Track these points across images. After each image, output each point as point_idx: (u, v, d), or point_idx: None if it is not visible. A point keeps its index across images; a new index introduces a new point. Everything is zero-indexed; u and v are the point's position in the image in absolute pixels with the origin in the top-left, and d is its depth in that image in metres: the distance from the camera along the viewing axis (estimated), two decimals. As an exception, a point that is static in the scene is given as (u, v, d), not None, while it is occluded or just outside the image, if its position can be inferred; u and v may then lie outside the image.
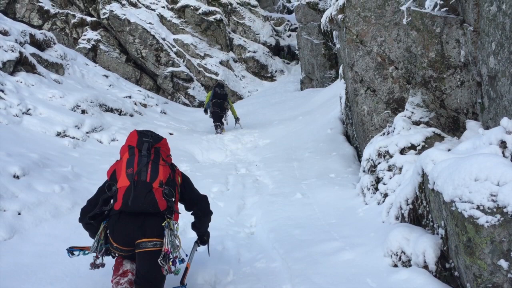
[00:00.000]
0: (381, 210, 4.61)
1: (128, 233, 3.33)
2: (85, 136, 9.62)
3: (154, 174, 3.42)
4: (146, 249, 3.28)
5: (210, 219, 3.99)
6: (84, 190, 6.27)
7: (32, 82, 10.74)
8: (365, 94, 6.28)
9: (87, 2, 20.59)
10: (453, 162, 3.17)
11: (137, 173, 3.38)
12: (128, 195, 3.29)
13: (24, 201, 5.23)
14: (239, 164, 8.99)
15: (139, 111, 13.69)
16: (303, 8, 17.99)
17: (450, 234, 3.15)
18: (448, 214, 3.06)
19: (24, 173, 5.88)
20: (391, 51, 5.95)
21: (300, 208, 5.67)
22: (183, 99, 19.29)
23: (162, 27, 20.61)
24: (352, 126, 7.60)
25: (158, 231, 3.32)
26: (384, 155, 5.24)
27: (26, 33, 12.73)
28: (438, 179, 3.21)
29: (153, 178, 3.39)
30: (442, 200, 3.13)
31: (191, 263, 3.91)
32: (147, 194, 3.32)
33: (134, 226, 3.31)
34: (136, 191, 3.31)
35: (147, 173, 3.40)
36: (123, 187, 3.34)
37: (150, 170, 3.42)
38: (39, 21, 19.81)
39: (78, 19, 20.05)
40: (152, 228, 3.31)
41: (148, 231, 3.30)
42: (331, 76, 16.72)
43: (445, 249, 3.33)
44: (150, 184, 3.36)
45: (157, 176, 3.42)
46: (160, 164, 3.50)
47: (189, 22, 21.21)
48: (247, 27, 22.89)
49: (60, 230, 4.99)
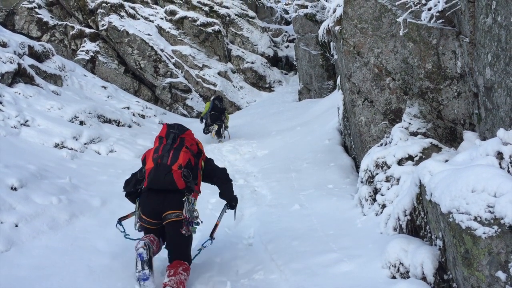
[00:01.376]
0: (379, 221, 4.60)
1: (154, 207, 4.12)
2: (83, 147, 9.62)
3: (174, 158, 4.15)
4: (171, 220, 4.09)
5: (231, 185, 4.65)
6: (82, 201, 6.26)
7: (31, 93, 10.76)
8: (363, 105, 6.31)
9: (85, 14, 20.70)
10: (450, 173, 3.18)
11: (160, 157, 4.15)
12: (152, 175, 4.08)
13: (21, 213, 5.21)
14: (237, 174, 8.99)
15: (138, 122, 13.70)
16: (301, 19, 18.11)
17: (448, 246, 3.15)
18: (446, 225, 3.06)
19: (21, 184, 5.87)
20: (388, 62, 5.99)
21: (298, 219, 5.66)
22: (181, 110, 19.33)
23: (160, 38, 20.72)
24: (350, 137, 7.62)
25: (178, 204, 4.09)
26: (381, 166, 5.25)
27: (25, 44, 12.79)
28: (436, 190, 3.22)
29: (173, 162, 4.13)
30: (440, 211, 3.13)
31: (220, 221, 4.74)
32: (167, 174, 4.06)
33: (158, 201, 4.10)
34: (158, 172, 4.07)
35: (168, 157, 4.16)
36: (149, 169, 4.14)
37: (171, 155, 4.18)
38: (38, 33, 19.90)
39: (76, 31, 20.15)
40: (173, 202, 4.09)
41: (171, 204, 4.08)
42: (329, 87, 16.79)
43: (443, 261, 3.32)
44: (169, 166, 4.10)
45: (177, 160, 4.15)
46: (182, 151, 4.24)
47: (187, 33, 21.33)
48: (245, 38, 23.02)
49: (58, 242, 4.97)
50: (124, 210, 6.32)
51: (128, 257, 4.82)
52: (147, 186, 4.15)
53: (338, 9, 6.82)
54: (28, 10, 19.97)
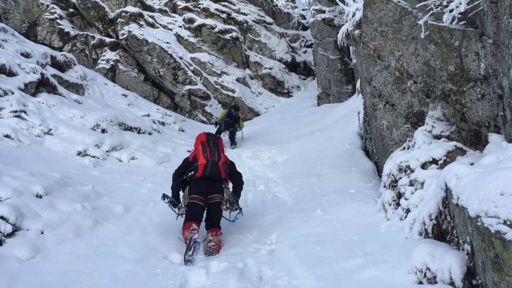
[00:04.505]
0: (404, 226, 4.54)
1: (203, 190, 5.64)
2: (105, 155, 9.74)
3: (219, 157, 5.87)
4: (215, 200, 5.69)
5: (242, 186, 6.12)
6: (105, 208, 6.33)
7: (53, 102, 10.96)
8: (384, 109, 6.25)
9: (106, 23, 21.03)
10: (478, 177, 3.12)
11: (210, 156, 5.78)
12: (206, 168, 5.68)
13: (46, 220, 5.29)
14: (258, 180, 8.98)
15: (158, 129, 13.82)
16: (319, 24, 18.08)
17: (476, 250, 3.09)
18: (474, 229, 3.00)
19: (46, 192, 5.96)
20: (409, 65, 5.93)
21: (321, 224, 5.62)
22: (200, 117, 19.44)
23: (179, 46, 20.92)
24: (371, 141, 7.55)
25: (220, 190, 5.76)
26: (405, 170, 5.18)
27: (47, 55, 13.04)
28: (463, 193, 3.17)
29: (218, 159, 5.84)
30: (467, 215, 3.07)
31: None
32: (216, 168, 5.73)
33: (207, 186, 5.66)
34: (210, 166, 5.68)
35: (215, 156, 5.83)
36: (202, 163, 5.70)
37: (217, 154, 5.87)
38: (59, 43, 20.28)
39: (97, 40, 20.48)
40: (217, 188, 5.73)
41: (216, 189, 5.71)
42: (348, 91, 16.69)
43: (471, 265, 3.26)
44: (217, 162, 5.78)
45: (221, 158, 5.89)
46: (221, 152, 6.02)
47: (205, 40, 21.49)
48: (263, 44, 23.08)
49: (82, 248, 5.02)
50: (146, 216, 6.42)
51: (152, 263, 4.86)
52: (200, 175, 5.65)
53: (358, 12, 6.79)
54: (50, 21, 20.38)
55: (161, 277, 4.51)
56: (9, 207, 5.03)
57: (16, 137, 8.46)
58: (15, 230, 4.88)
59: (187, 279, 4.51)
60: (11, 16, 20.18)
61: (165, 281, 4.40)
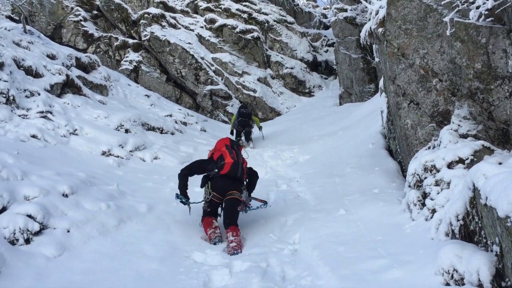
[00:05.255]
0: (430, 227, 4.46)
1: (224, 187, 6.04)
2: (128, 155, 9.87)
3: (241, 159, 6.34)
4: (233, 196, 6.02)
5: (256, 180, 6.58)
6: (129, 207, 6.40)
7: (78, 103, 11.15)
8: (408, 108, 6.16)
9: (128, 25, 21.30)
10: (507, 176, 3.05)
11: (237, 157, 6.21)
12: (233, 166, 6.08)
13: (72, 219, 5.38)
14: (280, 180, 8.96)
15: (180, 129, 13.93)
16: (340, 23, 17.96)
17: (506, 251, 3.02)
18: (503, 230, 2.93)
19: (72, 191, 6.07)
20: (435, 63, 5.83)
21: (344, 224, 5.56)
22: (222, 117, 19.52)
23: (200, 46, 21.04)
24: (395, 141, 7.45)
25: (239, 189, 6.13)
26: (430, 169, 5.10)
27: (72, 56, 13.28)
28: (491, 193, 3.10)
29: (242, 162, 6.30)
30: (496, 215, 3.00)
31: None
32: (240, 167, 6.17)
33: (228, 183, 6.07)
34: (236, 166, 6.11)
35: (239, 158, 6.29)
36: (229, 162, 6.09)
37: (240, 157, 6.35)
38: (84, 45, 20.64)
39: (120, 42, 20.76)
40: (237, 186, 6.11)
41: (236, 187, 6.09)
42: (371, 90, 16.53)
43: (500, 267, 3.18)
44: (241, 163, 6.24)
45: (243, 160, 6.39)
46: (242, 156, 6.49)
47: (227, 40, 21.56)
48: (284, 44, 23.04)
49: (107, 247, 5.09)
50: (169, 215, 6.47)
51: (176, 261, 4.89)
52: (226, 173, 6.05)
53: (381, 10, 6.70)
54: (74, 23, 20.76)
55: (185, 276, 4.53)
56: (37, 206, 5.14)
57: (43, 137, 8.63)
58: (42, 229, 4.97)
59: (211, 279, 4.52)
60: (37, 19, 20.61)
61: (189, 280, 4.42)
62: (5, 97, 9.19)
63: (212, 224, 5.86)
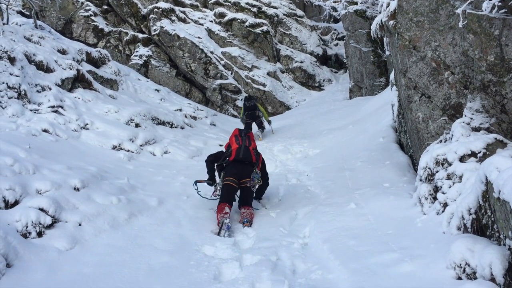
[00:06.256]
0: (441, 220, 4.43)
1: (238, 172, 6.56)
2: (139, 149, 9.91)
3: (249, 143, 6.88)
4: (246, 185, 6.54)
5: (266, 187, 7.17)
6: (139, 201, 6.44)
7: (89, 98, 11.20)
8: (420, 101, 6.11)
9: (138, 19, 21.32)
10: (521, 169, 3.01)
11: (242, 142, 6.80)
12: (239, 151, 6.71)
13: (84, 212, 5.42)
14: (290, 174, 8.95)
15: (190, 124, 13.96)
16: (351, 16, 17.83)
17: (519, 245, 2.98)
18: (517, 224, 2.90)
19: (83, 185, 6.11)
20: (447, 56, 5.77)
21: (354, 218, 5.55)
22: (231, 111, 19.51)
23: (210, 40, 21.01)
24: (406, 134, 7.40)
25: (250, 175, 6.57)
26: (442, 163, 5.05)
27: (83, 51, 13.34)
28: (505, 187, 3.06)
29: (249, 145, 6.84)
30: (510, 209, 2.97)
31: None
32: (247, 151, 6.73)
33: (240, 169, 6.59)
34: (242, 149, 6.72)
35: (246, 142, 6.84)
36: (235, 148, 6.74)
37: (248, 141, 6.89)
38: (94, 40, 20.71)
39: (130, 36, 20.80)
40: (248, 172, 6.59)
41: (248, 174, 6.58)
42: (381, 84, 16.43)
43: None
44: (248, 147, 6.78)
45: (251, 144, 6.90)
46: (252, 140, 7.00)
47: (236, 34, 21.51)
48: (293, 38, 22.93)
49: (118, 240, 5.13)
50: (180, 209, 6.50)
51: (186, 255, 4.91)
52: (234, 158, 6.63)
53: (392, 3, 6.63)
54: (84, 18, 20.83)
55: (195, 269, 4.55)
56: (49, 199, 5.18)
57: (54, 132, 8.70)
58: (54, 222, 5.02)
59: (221, 272, 4.54)
60: (47, 14, 20.72)
61: (199, 273, 4.43)
62: (17, 92, 9.26)
63: (224, 209, 6.17)
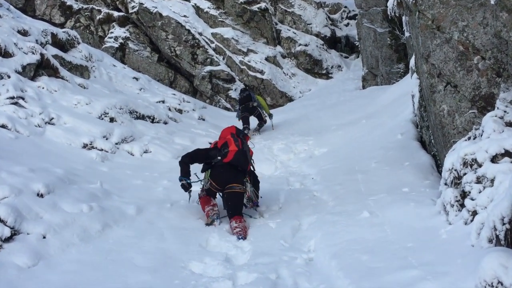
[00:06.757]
0: (470, 231, 4.45)
1: (225, 177, 6.63)
2: (114, 148, 9.91)
3: (248, 150, 6.98)
4: (234, 190, 6.59)
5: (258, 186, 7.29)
6: (115, 210, 6.43)
7: (55, 87, 11.18)
8: (445, 91, 6.13)
9: (113, -5, 21.30)
10: None
11: (242, 146, 6.80)
12: (237, 155, 6.67)
13: (49, 222, 5.40)
14: (292, 177, 8.98)
15: (174, 118, 13.97)
16: (364, -9, 17.87)
17: (561, 261, 3.00)
18: (559, 235, 2.91)
19: (48, 190, 6.09)
20: (476, 38, 5.79)
21: (368, 229, 5.57)
22: (223, 103, 19.54)
23: (198, 20, 21.01)
24: (429, 130, 7.43)
25: (241, 181, 6.68)
26: (471, 164, 5.07)
27: (48, 32, 13.28)
28: (544, 192, 3.07)
29: (248, 151, 6.94)
30: (550, 218, 2.98)
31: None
32: (245, 158, 6.80)
33: (230, 174, 6.64)
34: (241, 154, 6.73)
35: (245, 147, 6.86)
36: (234, 150, 6.69)
37: (247, 147, 6.99)
38: (61, 19, 20.69)
39: (104, 15, 20.78)
40: (239, 178, 6.66)
41: (238, 179, 6.63)
42: (400, 71, 16.48)
43: (554, 279, 3.17)
44: (247, 153, 6.87)
45: (249, 150, 7.04)
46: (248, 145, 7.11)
47: (229, 13, 21.51)
48: (297, 17, 22.96)
49: (90, 255, 5.11)
50: (162, 219, 6.51)
51: (170, 273, 4.91)
52: (229, 161, 6.63)
53: (412, -25, 6.65)
54: (49, -7, 20.79)
55: (181, 289, 4.56)
56: (7, 207, 5.15)
57: (14, 128, 8.66)
58: (14, 234, 4.99)
59: (211, 293, 4.54)
60: (6, -11, 20.64)
61: (185, 295, 4.44)
62: (-31, 81, 9.23)
63: (211, 201, 6.63)
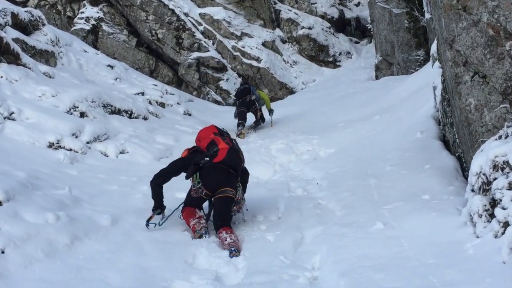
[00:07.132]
0: (501, 246, 4.47)
1: (217, 180, 6.60)
2: (85, 148, 9.91)
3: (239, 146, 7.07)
4: (226, 195, 6.58)
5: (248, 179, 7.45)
6: (86, 220, 6.41)
7: (16, 76, 11.15)
8: (472, 82, 6.15)
9: (84, -32, 21.26)
10: None
11: (232, 143, 6.87)
12: (229, 153, 6.67)
13: (8, 235, 5.37)
14: (293, 182, 8.99)
15: (156, 113, 13.98)
16: (378, -35, 17.91)
17: None
18: None
19: (8, 197, 6.06)
20: (509, 20, 5.80)
21: (382, 243, 5.57)
22: (213, 95, 19.54)
23: (184, -2, 20.99)
24: (453, 128, 7.45)
25: (234, 185, 6.70)
26: (502, 167, 5.08)
27: (7, 11, 13.23)
28: None
29: (240, 149, 7.03)
30: None
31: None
32: (238, 156, 6.87)
33: (222, 176, 6.62)
34: (233, 152, 6.78)
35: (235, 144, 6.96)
36: (225, 148, 6.68)
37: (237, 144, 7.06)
38: (23, -4, 20.60)
39: (73, -8, 20.71)
40: (231, 181, 6.68)
41: (231, 183, 6.65)
42: (419, 59, 16.52)
43: None
44: (239, 151, 6.94)
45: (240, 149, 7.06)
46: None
47: (220, -10, 21.51)
48: (299, -5, 22.99)
49: (57, 273, 5.09)
50: (142, 230, 6.51)
51: (150, 294, 4.91)
52: (221, 160, 6.60)
53: None
54: (9, -33, 20.71)
55: (163, 313, 4.56)
56: (-41, 217, 5.14)
57: (-34, 124, 8.65)
58: (-33, 248, 4.98)
59: (198, 317, 4.55)
60: (-42, -39, 20.58)
61: (168, 320, 4.44)
62: None
63: (196, 213, 6.61)
